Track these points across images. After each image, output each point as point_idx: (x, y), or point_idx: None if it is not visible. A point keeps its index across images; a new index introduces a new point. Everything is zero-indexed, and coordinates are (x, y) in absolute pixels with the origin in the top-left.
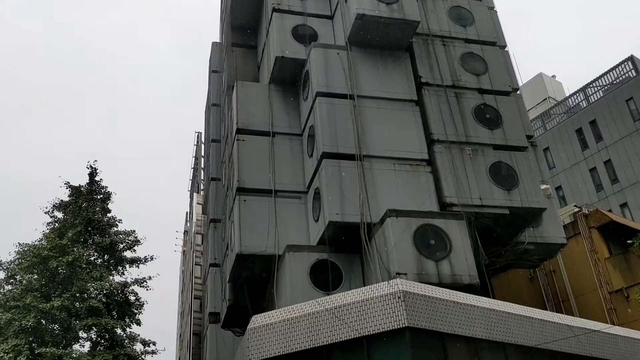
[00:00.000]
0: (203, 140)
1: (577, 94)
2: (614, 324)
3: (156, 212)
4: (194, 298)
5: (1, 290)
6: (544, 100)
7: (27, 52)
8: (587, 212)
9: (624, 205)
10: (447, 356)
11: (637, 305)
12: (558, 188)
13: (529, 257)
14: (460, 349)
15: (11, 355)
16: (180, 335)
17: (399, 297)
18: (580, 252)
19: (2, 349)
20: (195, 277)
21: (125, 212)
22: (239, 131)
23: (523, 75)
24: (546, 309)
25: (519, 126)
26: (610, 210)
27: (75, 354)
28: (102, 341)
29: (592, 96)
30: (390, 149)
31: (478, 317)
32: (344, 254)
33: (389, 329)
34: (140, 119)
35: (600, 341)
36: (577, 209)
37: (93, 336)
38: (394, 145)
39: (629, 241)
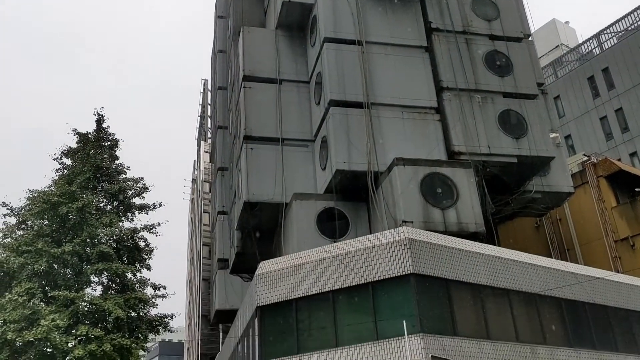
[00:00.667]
0: (209, 87)
1: (591, 41)
2: (619, 272)
3: (166, 160)
4: (203, 245)
5: (13, 236)
6: (557, 47)
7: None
8: (595, 160)
9: (633, 155)
10: (451, 302)
11: None
12: (567, 137)
13: (536, 206)
14: (464, 296)
15: (25, 297)
16: (190, 281)
17: (404, 245)
18: (587, 200)
19: (17, 291)
20: (203, 224)
21: (135, 160)
22: (245, 78)
23: (535, 21)
24: (551, 257)
25: (529, 73)
26: (619, 159)
27: (88, 297)
28: (114, 285)
29: (605, 43)
30: (399, 96)
31: (482, 264)
32: (350, 202)
33: (394, 275)
34: (149, 70)
35: (603, 288)
36: (585, 158)
37: (104, 280)
38: (403, 92)
39: (637, 189)
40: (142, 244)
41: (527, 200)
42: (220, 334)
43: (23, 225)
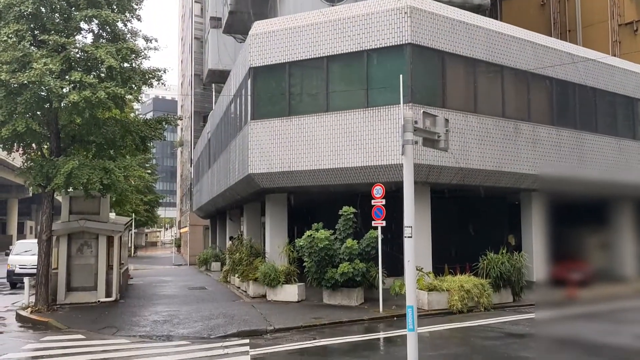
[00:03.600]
0: None
1: None
2: (616, 57)
3: None
4: (195, 2)
5: None
6: None
7: None
8: None
9: None
10: (444, 75)
11: None
12: None
13: None
14: (458, 69)
15: (15, 39)
16: (182, 39)
17: (405, 12)
18: None
19: (5, 32)
20: None
21: None
22: None
23: None
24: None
25: None
26: None
27: (79, 43)
28: (104, 34)
29: None
30: None
31: (481, 38)
32: None
33: (391, 44)
34: None
35: (596, 71)
36: None
37: (94, 28)
38: None
39: None
40: None
41: None
42: (213, 93)
43: None
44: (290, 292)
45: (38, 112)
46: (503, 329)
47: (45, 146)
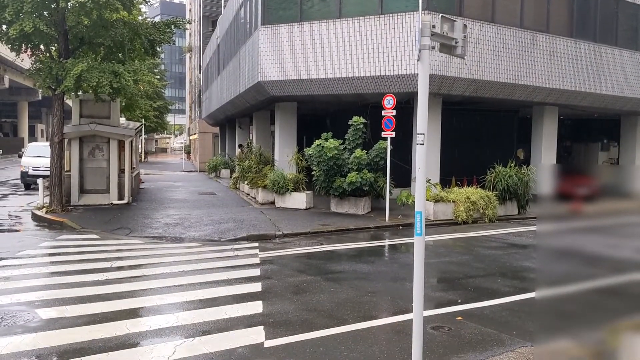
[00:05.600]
0: None
1: None
2: None
3: None
4: None
5: None
6: None
7: None
8: None
9: None
10: None
11: None
12: None
13: None
14: None
15: None
16: None
17: None
18: None
19: None
20: None
21: None
22: None
23: None
24: None
25: None
26: None
27: None
28: None
29: None
30: None
31: None
32: None
33: None
34: None
35: None
36: None
37: None
38: None
39: None
40: None
41: None
42: None
43: None
44: (299, 199)
45: (45, 12)
46: (506, 239)
47: (54, 47)
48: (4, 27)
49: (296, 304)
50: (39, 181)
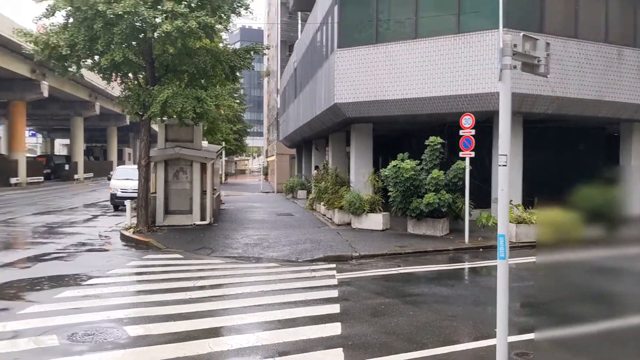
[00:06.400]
0: None
1: None
2: None
3: None
4: None
5: None
6: None
7: None
8: None
9: None
10: None
11: None
12: None
13: None
14: None
15: None
16: None
17: None
18: None
19: None
20: None
21: None
22: None
23: None
24: None
25: None
26: None
27: None
28: None
29: None
30: None
31: None
32: None
33: None
34: None
35: None
36: None
37: None
38: None
39: None
40: None
41: None
42: (299, 21)
43: None
44: (375, 220)
45: (133, 43)
46: (595, 263)
47: (141, 75)
48: (97, 57)
49: (375, 326)
50: (127, 203)
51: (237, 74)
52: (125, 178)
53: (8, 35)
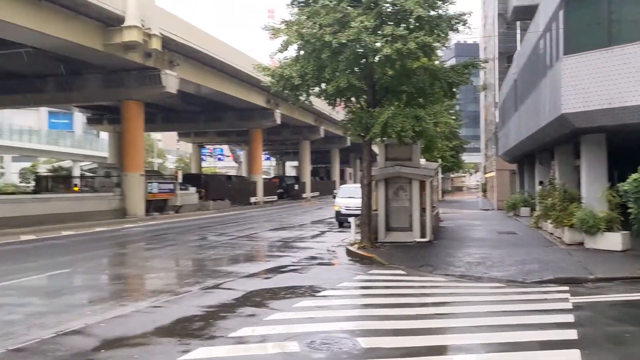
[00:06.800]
0: None
1: None
2: None
3: None
4: None
5: None
6: None
7: None
8: None
9: None
10: None
11: None
12: None
13: None
14: None
15: (335, 2)
16: None
17: None
18: None
19: None
20: None
21: None
22: None
23: None
24: None
25: None
26: None
27: None
28: None
29: None
30: None
31: None
32: None
33: None
34: None
35: None
36: None
37: None
38: None
39: None
40: None
41: None
42: (518, 32)
43: None
44: (613, 240)
45: (356, 68)
46: None
47: (363, 99)
48: (323, 85)
49: (618, 356)
50: (351, 220)
51: (455, 90)
52: (348, 196)
53: (248, 71)
